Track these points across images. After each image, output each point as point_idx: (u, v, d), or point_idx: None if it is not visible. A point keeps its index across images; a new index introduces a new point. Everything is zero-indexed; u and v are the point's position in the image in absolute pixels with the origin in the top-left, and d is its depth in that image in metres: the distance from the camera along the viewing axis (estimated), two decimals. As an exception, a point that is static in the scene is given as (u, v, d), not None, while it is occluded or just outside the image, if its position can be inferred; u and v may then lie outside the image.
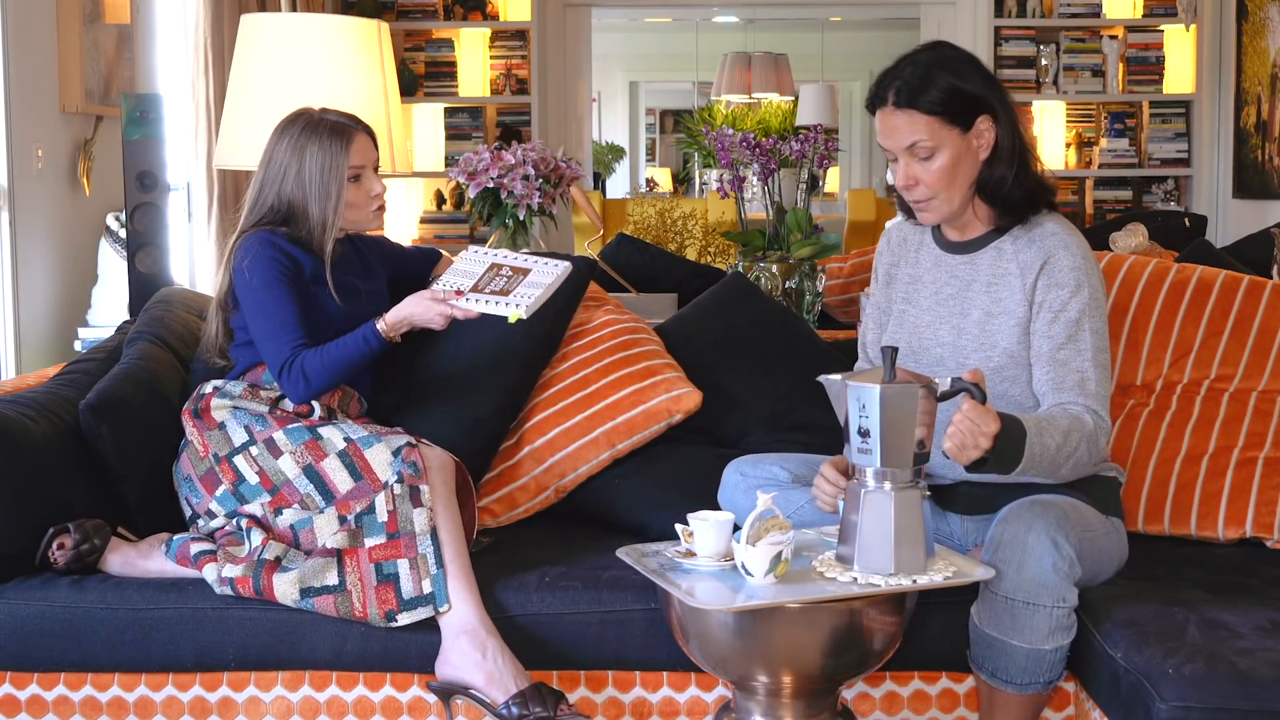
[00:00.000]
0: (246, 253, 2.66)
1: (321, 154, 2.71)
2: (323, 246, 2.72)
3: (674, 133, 14.82)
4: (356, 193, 2.75)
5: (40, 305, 4.10)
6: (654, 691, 2.43)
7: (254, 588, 2.42)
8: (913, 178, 2.42)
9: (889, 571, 2.14)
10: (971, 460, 2.16)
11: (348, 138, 2.73)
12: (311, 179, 2.71)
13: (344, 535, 2.43)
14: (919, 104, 2.38)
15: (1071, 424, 2.29)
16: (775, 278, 3.66)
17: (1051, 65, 6.91)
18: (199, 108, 4.92)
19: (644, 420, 2.88)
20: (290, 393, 2.63)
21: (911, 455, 2.17)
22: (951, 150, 2.39)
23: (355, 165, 2.73)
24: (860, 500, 2.18)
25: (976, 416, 2.14)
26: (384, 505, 2.44)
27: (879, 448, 2.16)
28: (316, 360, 2.61)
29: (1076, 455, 2.29)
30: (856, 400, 2.18)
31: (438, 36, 6.98)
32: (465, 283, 2.67)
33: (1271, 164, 6.04)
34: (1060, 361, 2.37)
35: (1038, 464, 2.23)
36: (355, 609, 2.39)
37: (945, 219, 2.49)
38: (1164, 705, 1.99)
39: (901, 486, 2.17)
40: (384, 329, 2.62)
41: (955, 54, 2.46)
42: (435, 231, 7.07)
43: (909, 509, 2.16)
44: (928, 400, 2.18)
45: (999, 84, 2.47)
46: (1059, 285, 2.40)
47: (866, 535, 2.16)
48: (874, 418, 2.15)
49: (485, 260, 2.73)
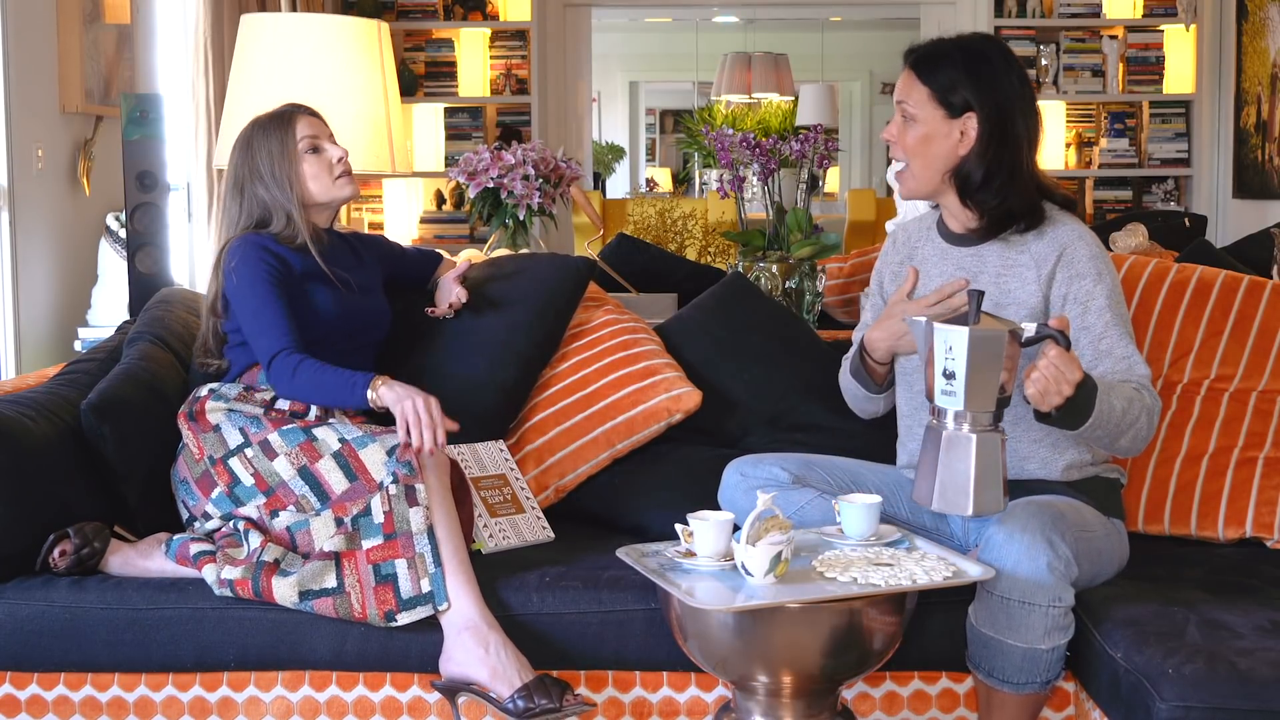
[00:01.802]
0: (233, 256, 2.69)
1: (267, 140, 2.76)
2: (302, 233, 2.73)
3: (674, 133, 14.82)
4: (316, 163, 2.76)
5: (40, 305, 4.10)
6: (654, 691, 2.43)
7: (253, 590, 2.42)
8: (893, 133, 2.53)
9: (968, 513, 2.19)
10: (1054, 406, 2.19)
11: (289, 118, 2.78)
12: (265, 166, 2.75)
13: (341, 538, 2.43)
14: (921, 73, 2.49)
15: (1134, 394, 2.33)
16: (775, 278, 3.66)
17: (1051, 65, 6.91)
18: (199, 108, 4.92)
19: (644, 420, 2.89)
20: (276, 385, 2.64)
21: (995, 399, 2.20)
22: (928, 126, 2.48)
23: (305, 135, 2.77)
24: (942, 441, 2.21)
25: (1062, 363, 2.17)
26: (380, 506, 2.44)
27: (963, 390, 2.19)
28: (306, 374, 2.58)
29: (1137, 426, 2.32)
30: (944, 342, 2.20)
31: (438, 36, 6.98)
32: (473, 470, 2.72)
33: (1271, 164, 6.04)
34: (1104, 352, 2.41)
35: (1104, 425, 2.27)
36: (354, 610, 2.39)
37: (913, 193, 2.56)
38: (1164, 705, 1.99)
39: (983, 429, 2.20)
40: (373, 397, 2.53)
41: (991, 48, 2.50)
42: (435, 231, 7.07)
43: (990, 452, 2.20)
44: (1012, 345, 2.21)
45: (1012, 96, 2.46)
46: (1081, 275, 2.43)
47: (946, 477, 2.20)
48: (960, 360, 2.18)
49: (501, 463, 2.79)
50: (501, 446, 2.84)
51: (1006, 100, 2.46)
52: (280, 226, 2.74)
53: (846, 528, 2.33)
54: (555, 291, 3.04)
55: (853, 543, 2.31)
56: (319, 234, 2.79)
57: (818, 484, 2.53)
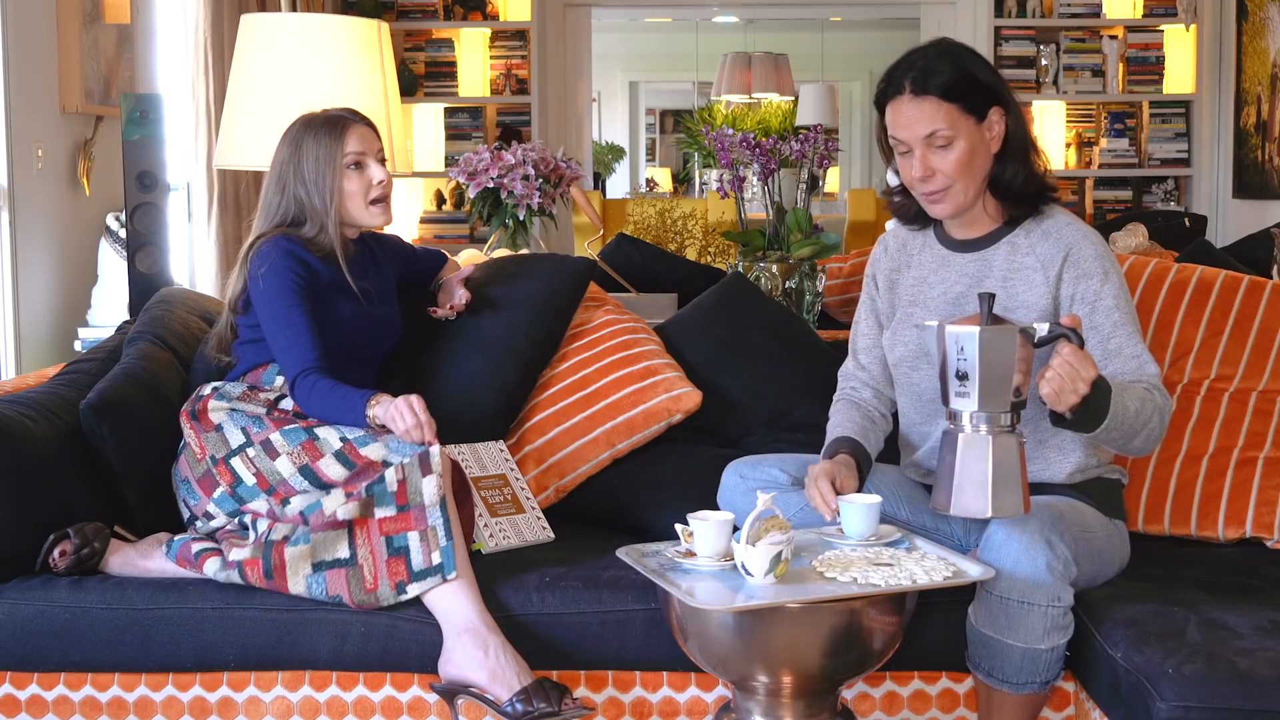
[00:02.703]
0: (263, 260, 2.66)
1: (316, 144, 2.73)
2: (333, 243, 2.72)
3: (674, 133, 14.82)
4: (356, 180, 2.74)
5: (40, 305, 4.10)
6: (654, 691, 2.43)
7: (264, 569, 2.41)
8: (930, 168, 2.41)
9: (985, 515, 2.16)
10: (1070, 405, 2.15)
11: (342, 127, 2.75)
12: (309, 170, 2.72)
13: (355, 505, 2.43)
14: (936, 90, 2.38)
15: (1145, 395, 2.30)
16: (775, 278, 3.66)
17: (1051, 65, 6.91)
18: (199, 108, 4.92)
19: (644, 420, 2.89)
20: (298, 399, 2.63)
21: (1009, 400, 2.18)
22: (968, 140, 2.40)
23: (353, 151, 2.73)
24: (958, 443, 2.19)
25: (1076, 361, 2.14)
26: (394, 475, 2.43)
27: (977, 390, 2.17)
28: (321, 394, 2.58)
29: (1150, 426, 2.29)
30: (955, 343, 2.18)
31: (438, 36, 6.99)
32: (473, 469, 2.72)
33: (1271, 164, 6.04)
34: (1113, 351, 2.38)
35: (1119, 426, 2.23)
36: (366, 581, 2.39)
37: (959, 211, 2.47)
38: (1164, 705, 1.99)
39: (999, 430, 2.18)
40: (370, 416, 2.55)
41: (963, 47, 2.48)
42: (435, 231, 7.07)
43: (1007, 453, 2.17)
44: (1025, 347, 2.18)
45: (1003, 80, 2.48)
46: (1087, 275, 2.41)
47: (963, 479, 2.17)
48: (972, 360, 2.16)
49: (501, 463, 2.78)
50: (501, 446, 2.84)
51: (994, 76, 2.44)
52: (314, 232, 2.72)
53: (846, 528, 2.33)
54: (555, 291, 3.04)
55: (853, 543, 2.31)
56: (347, 245, 2.78)
57: (817, 484, 2.52)
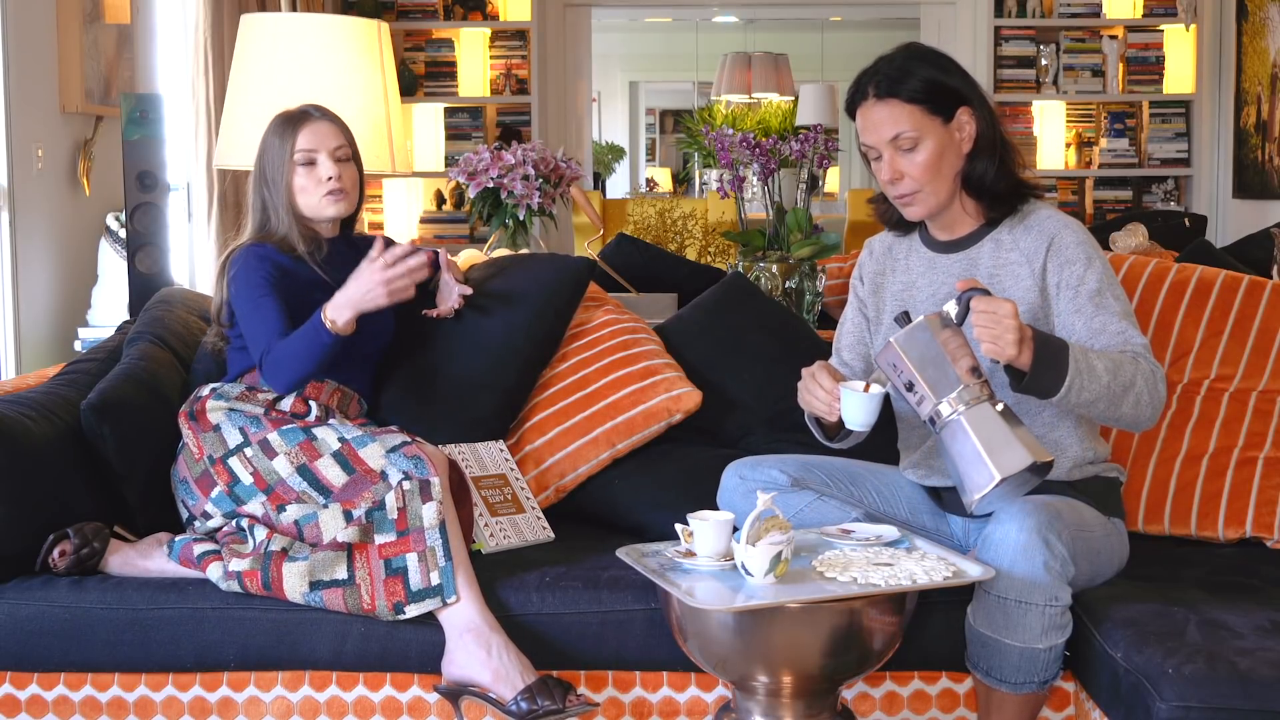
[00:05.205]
0: (235, 265, 2.71)
1: (271, 143, 2.77)
2: (299, 244, 2.74)
3: (674, 133, 14.82)
4: (306, 177, 2.76)
5: (40, 305, 4.10)
6: (654, 691, 2.43)
7: (262, 581, 2.41)
8: (898, 171, 2.43)
9: (996, 480, 2.16)
10: (1012, 348, 2.16)
11: (296, 123, 2.77)
12: (268, 169, 2.77)
13: (355, 530, 2.43)
14: (900, 93, 2.40)
15: (1120, 357, 2.29)
16: (775, 278, 3.66)
17: (1051, 65, 6.91)
18: (199, 108, 4.92)
19: (644, 420, 2.89)
20: (271, 382, 2.64)
21: (958, 379, 2.20)
22: (935, 141, 2.41)
23: (304, 149, 2.75)
24: (943, 439, 2.22)
25: (986, 304, 2.17)
26: (394, 503, 2.44)
27: (925, 389, 2.20)
28: (281, 349, 2.61)
29: (1135, 389, 2.28)
30: (887, 365, 2.23)
31: (438, 36, 6.99)
32: (473, 469, 2.73)
33: (1271, 164, 6.04)
34: (1098, 329, 2.37)
35: (1091, 387, 2.23)
36: (364, 602, 2.39)
37: (932, 212, 2.49)
38: (1164, 705, 1.99)
39: (968, 406, 2.20)
40: (324, 316, 2.56)
41: (930, 51, 2.50)
42: (435, 231, 7.07)
43: (984, 420, 2.19)
44: (946, 330, 2.21)
45: (974, 81, 2.49)
46: (1070, 262, 2.41)
47: (963, 465, 2.20)
48: (905, 368, 2.21)
49: (501, 463, 2.79)
50: (501, 446, 2.84)
51: (963, 78, 2.45)
52: (284, 230, 2.76)
53: (847, 416, 2.32)
54: (555, 291, 3.04)
55: (853, 543, 2.31)
56: (319, 242, 2.79)
57: (817, 486, 2.52)
